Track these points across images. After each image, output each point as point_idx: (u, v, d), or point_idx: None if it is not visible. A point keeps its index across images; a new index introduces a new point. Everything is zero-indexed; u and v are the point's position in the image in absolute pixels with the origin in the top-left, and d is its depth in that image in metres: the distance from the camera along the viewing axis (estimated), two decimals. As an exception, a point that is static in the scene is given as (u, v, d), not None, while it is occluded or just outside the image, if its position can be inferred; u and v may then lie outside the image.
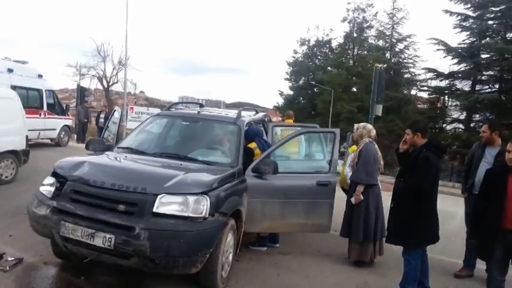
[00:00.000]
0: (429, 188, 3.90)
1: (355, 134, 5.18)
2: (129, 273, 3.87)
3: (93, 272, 3.94)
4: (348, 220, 4.97)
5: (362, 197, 4.81)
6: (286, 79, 43.59)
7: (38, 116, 12.52)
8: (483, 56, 22.77)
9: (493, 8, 22.14)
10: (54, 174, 3.86)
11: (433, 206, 3.99)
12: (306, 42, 42.09)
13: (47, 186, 3.79)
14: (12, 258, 4.06)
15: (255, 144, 5.00)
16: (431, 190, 3.94)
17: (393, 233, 4.13)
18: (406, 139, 4.11)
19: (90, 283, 3.76)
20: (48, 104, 13.09)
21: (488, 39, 22.52)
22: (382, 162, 5.11)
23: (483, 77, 22.90)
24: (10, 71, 11.38)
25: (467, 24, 23.14)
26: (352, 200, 4.87)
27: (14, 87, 11.32)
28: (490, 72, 22.69)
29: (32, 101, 12.36)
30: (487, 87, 22.98)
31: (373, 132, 5.10)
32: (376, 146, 5.11)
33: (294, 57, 43.01)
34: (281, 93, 43.81)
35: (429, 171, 3.89)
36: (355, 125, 5.28)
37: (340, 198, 5.36)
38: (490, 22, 22.49)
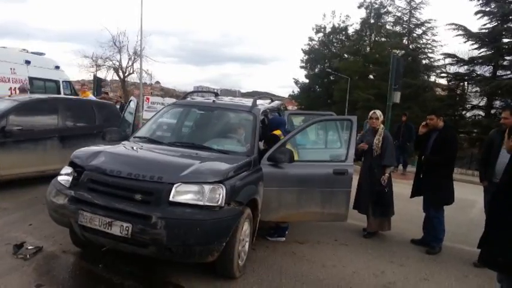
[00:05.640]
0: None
1: (380, 119, 5.45)
2: (146, 262, 3.90)
3: (111, 260, 3.98)
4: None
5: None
6: (301, 67, 43.29)
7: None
8: (505, 41, 22.18)
9: (516, -9, 21.51)
10: (72, 163, 3.88)
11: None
12: (322, 30, 41.59)
13: (65, 176, 3.82)
14: (32, 247, 4.13)
15: (280, 132, 4.95)
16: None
17: (428, 195, 5.08)
18: (428, 123, 5.01)
19: (108, 271, 3.79)
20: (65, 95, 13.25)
21: (510, 23, 21.89)
22: None
23: (505, 62, 22.34)
24: (27, 62, 11.52)
25: (489, 9, 22.53)
26: (384, 178, 5.25)
27: (31, 79, 11.51)
28: (512, 58, 22.10)
29: (50, 92, 12.50)
30: (509, 72, 22.41)
31: None
32: None
33: (309, 44, 42.61)
34: (296, 82, 43.54)
35: (457, 145, 5.21)
36: (378, 112, 5.49)
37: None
38: (513, 6, 21.83)
